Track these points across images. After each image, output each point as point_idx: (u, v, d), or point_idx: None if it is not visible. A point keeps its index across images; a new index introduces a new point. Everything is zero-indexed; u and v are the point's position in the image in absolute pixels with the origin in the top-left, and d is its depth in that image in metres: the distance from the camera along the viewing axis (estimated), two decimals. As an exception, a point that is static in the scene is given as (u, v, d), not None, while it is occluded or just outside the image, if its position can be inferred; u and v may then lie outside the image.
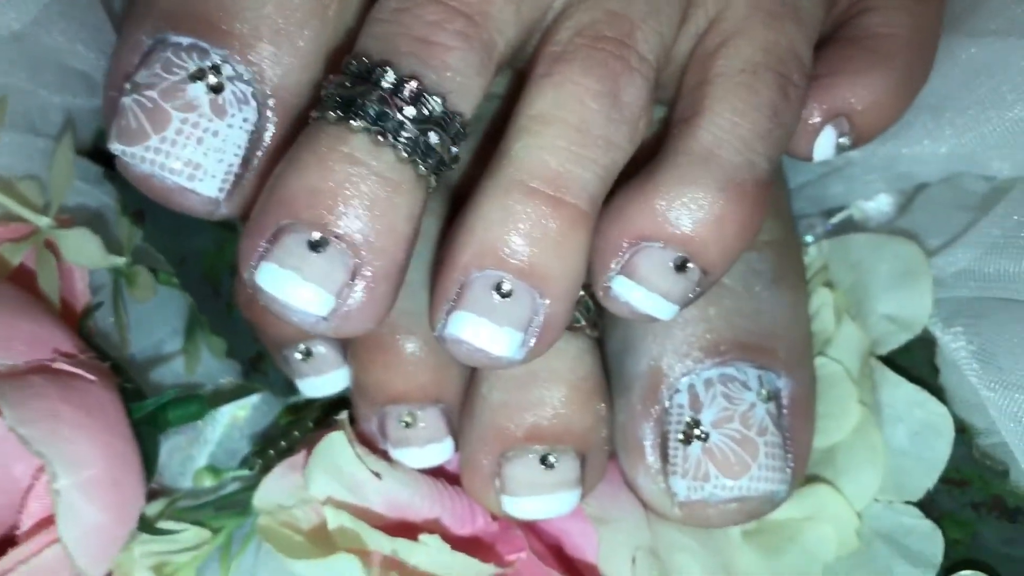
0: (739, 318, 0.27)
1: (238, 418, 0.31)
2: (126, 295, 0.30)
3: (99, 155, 0.31)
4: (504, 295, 0.22)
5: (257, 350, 0.31)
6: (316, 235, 0.21)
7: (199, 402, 0.30)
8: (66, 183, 0.28)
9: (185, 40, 0.23)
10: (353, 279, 0.22)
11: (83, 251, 0.28)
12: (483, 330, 0.23)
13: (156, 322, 0.31)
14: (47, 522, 0.24)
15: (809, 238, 0.32)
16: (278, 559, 0.26)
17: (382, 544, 0.25)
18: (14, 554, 0.23)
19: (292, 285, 0.22)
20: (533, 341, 0.23)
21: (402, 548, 0.25)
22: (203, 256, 0.30)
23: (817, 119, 0.26)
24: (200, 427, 0.31)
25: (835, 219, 0.33)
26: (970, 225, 0.29)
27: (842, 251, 0.31)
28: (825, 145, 0.27)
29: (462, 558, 0.26)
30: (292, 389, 0.30)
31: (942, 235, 0.30)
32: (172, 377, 0.32)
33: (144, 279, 0.29)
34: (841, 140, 0.27)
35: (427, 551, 0.25)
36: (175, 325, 0.32)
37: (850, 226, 0.32)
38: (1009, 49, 0.29)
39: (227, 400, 0.31)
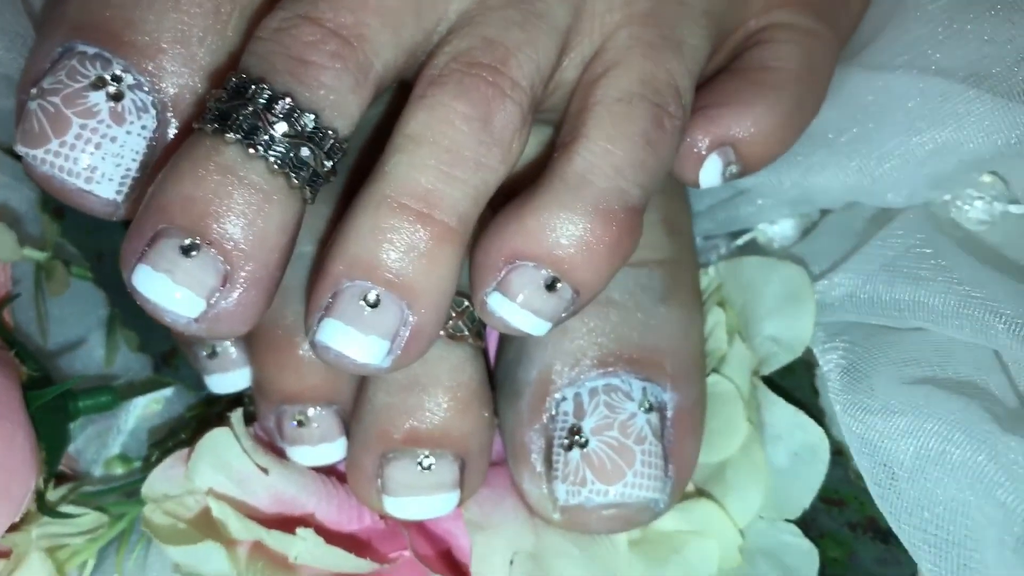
0: (626, 331, 0.28)
1: (151, 410, 0.33)
2: (46, 289, 0.31)
3: (21, 153, 0.32)
4: (372, 305, 0.23)
5: (171, 345, 0.32)
6: (188, 240, 0.22)
7: (109, 393, 0.31)
8: (-13, 178, 0.30)
9: (90, 49, 0.24)
10: (224, 284, 0.23)
11: (-1, 245, 0.29)
12: (350, 338, 0.24)
13: (78, 315, 0.33)
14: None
15: (713, 258, 0.33)
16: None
17: (256, 534, 0.26)
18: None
19: (164, 288, 0.22)
20: (399, 350, 0.24)
21: (277, 540, 0.26)
22: (118, 252, 0.31)
23: (703, 147, 0.27)
24: (115, 417, 0.32)
25: (739, 241, 0.33)
26: (854, 249, 0.30)
27: (735, 273, 0.31)
28: (711, 172, 0.28)
29: (337, 552, 0.27)
30: (203, 384, 0.31)
31: (842, 259, 0.31)
32: (95, 368, 0.33)
33: (59, 274, 0.31)
34: (729, 168, 0.28)
35: (304, 545, 0.27)
36: (98, 317, 0.33)
37: (754, 248, 0.33)
38: (906, 84, 0.30)
39: (139, 392, 0.32)
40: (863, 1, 0.32)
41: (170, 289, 0.23)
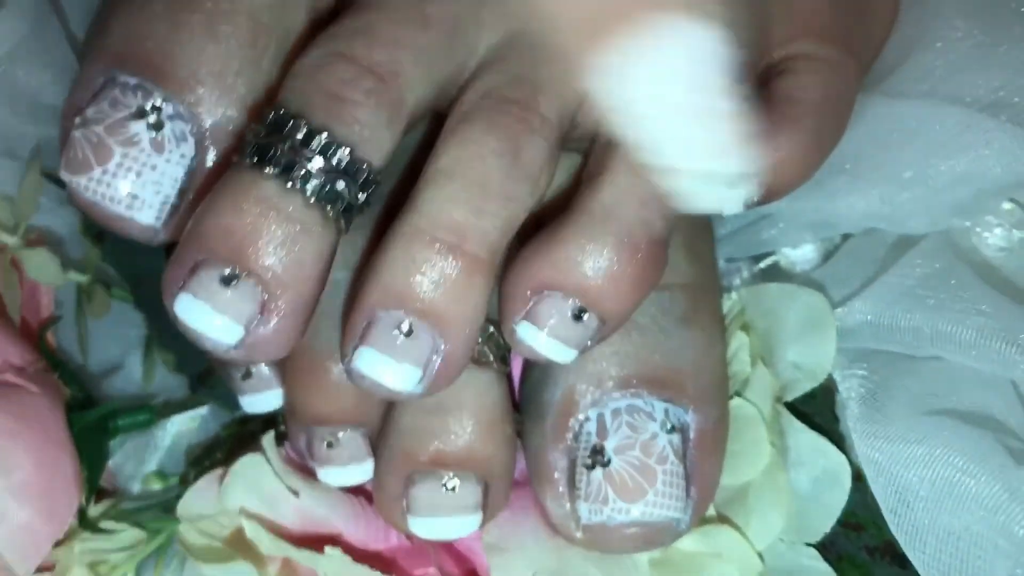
0: (649, 354, 0.28)
1: (187, 428, 0.34)
2: (87, 310, 0.33)
3: (66, 180, 0.33)
4: (405, 334, 0.24)
5: (207, 366, 0.33)
6: (228, 270, 0.23)
7: (148, 412, 0.32)
8: (33, 204, 0.31)
9: (132, 80, 0.25)
10: (262, 312, 0.24)
11: (44, 270, 0.30)
12: (384, 366, 0.24)
13: (118, 336, 0.34)
14: (-20, 521, 0.26)
15: (736, 282, 0.34)
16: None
17: (286, 552, 0.27)
18: (-50, 548, 0.26)
19: (205, 315, 0.23)
20: (431, 378, 0.25)
21: (306, 558, 0.27)
22: (157, 276, 0.32)
23: None
24: (152, 435, 0.33)
25: (761, 264, 0.34)
26: (875, 276, 0.30)
27: (757, 299, 0.32)
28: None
29: (363, 570, 0.28)
30: (238, 403, 0.32)
31: (857, 285, 0.32)
32: (133, 388, 0.34)
33: (99, 297, 0.32)
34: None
35: (331, 562, 0.27)
36: (137, 340, 0.34)
37: (776, 271, 0.34)
38: (926, 113, 0.30)
39: (176, 411, 0.33)
40: (885, 30, 0.32)
41: (211, 317, 0.23)
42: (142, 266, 0.32)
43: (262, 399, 0.31)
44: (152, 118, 0.25)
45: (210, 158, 0.26)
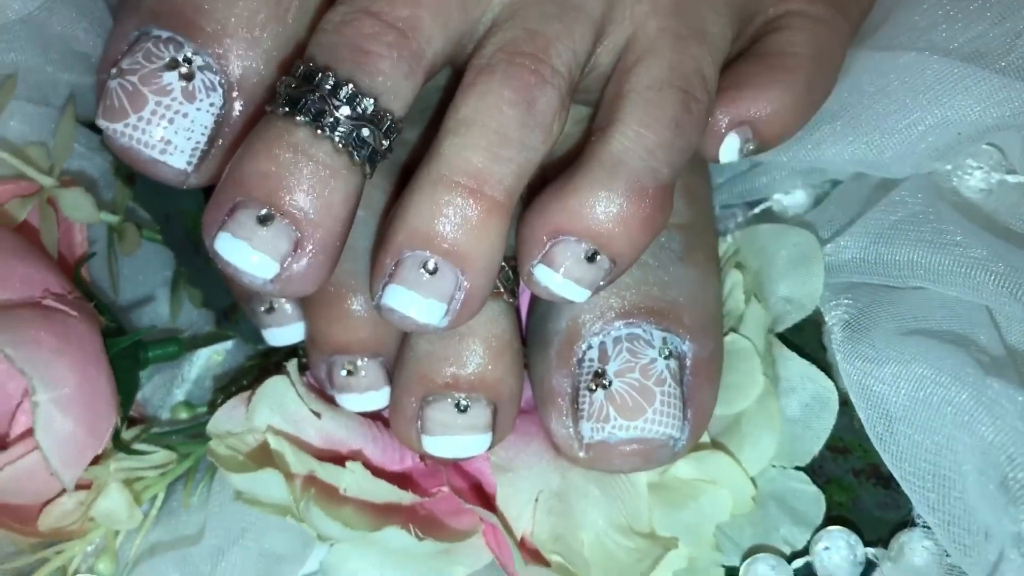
0: (648, 287, 0.30)
1: (213, 361, 0.36)
2: (118, 249, 0.34)
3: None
4: (431, 272, 0.26)
5: (231, 301, 0.35)
6: (264, 211, 0.25)
7: (176, 344, 0.34)
8: (68, 148, 0.33)
9: (164, 33, 0.27)
10: (295, 249, 0.26)
11: (79, 208, 0.32)
12: (412, 301, 0.26)
13: (147, 273, 0.36)
14: (30, 432, 0.28)
15: (731, 225, 0.36)
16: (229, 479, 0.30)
17: (309, 465, 0.29)
18: (2, 456, 0.28)
19: (242, 252, 0.25)
20: (455, 312, 0.27)
21: (327, 471, 0.29)
22: (186, 216, 0.34)
23: (723, 126, 0.30)
24: (179, 367, 0.35)
25: (756, 210, 0.36)
26: (859, 214, 0.32)
27: (750, 239, 0.34)
28: (730, 149, 0.30)
29: (381, 484, 0.30)
30: (260, 337, 0.34)
31: (849, 224, 0.33)
32: (161, 323, 0.36)
33: (131, 234, 0.34)
34: (746, 146, 0.30)
35: (352, 477, 0.29)
36: (164, 276, 0.36)
37: (769, 216, 0.36)
38: (908, 64, 0.32)
39: (202, 344, 0.35)
40: None
41: (248, 254, 0.25)
42: (170, 207, 0.34)
43: (284, 332, 0.33)
44: (184, 69, 0.27)
45: (237, 107, 0.28)
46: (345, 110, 0.25)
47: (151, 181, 0.29)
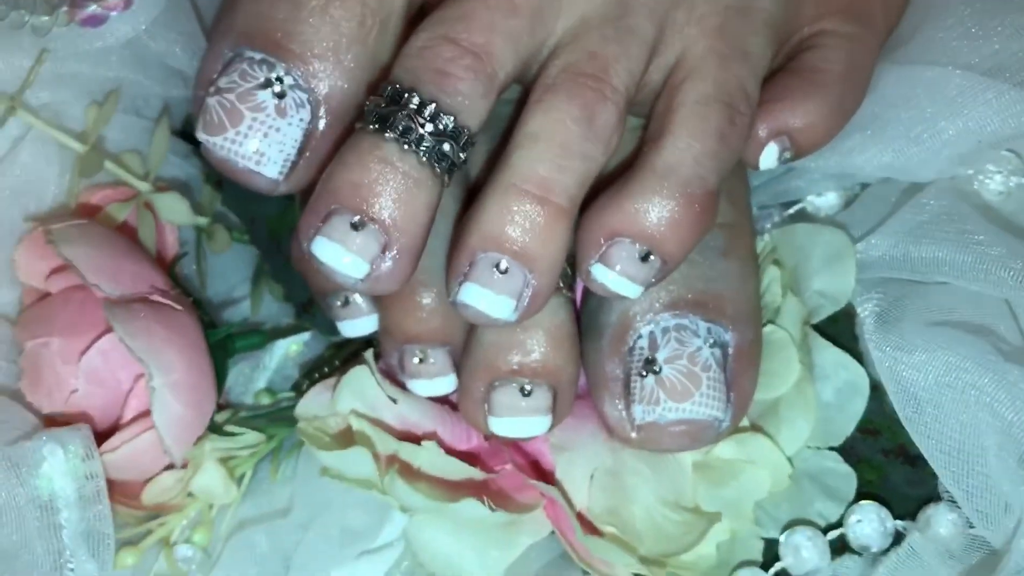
0: (694, 281, 0.33)
1: (292, 351, 0.39)
2: (206, 248, 0.38)
3: (188, 135, 0.38)
4: (502, 272, 0.29)
5: (309, 296, 0.38)
6: (356, 218, 0.28)
7: (260, 335, 0.37)
8: (162, 156, 0.36)
9: (257, 55, 0.30)
10: (383, 252, 0.28)
11: (175, 211, 0.35)
12: (485, 298, 0.29)
13: (230, 271, 0.39)
14: (144, 415, 0.31)
15: (768, 225, 0.39)
16: (312, 459, 0.33)
17: (390, 445, 0.32)
18: (118, 436, 0.31)
19: (338, 254, 0.28)
20: (523, 307, 0.30)
21: (406, 450, 0.32)
22: (269, 218, 0.37)
23: (763, 136, 0.33)
24: (261, 357, 0.38)
25: (790, 211, 0.38)
26: (889, 215, 0.35)
27: (787, 237, 0.36)
28: (769, 157, 0.33)
29: (454, 461, 0.32)
30: (336, 329, 0.37)
31: (878, 223, 0.36)
32: (240, 317, 0.39)
33: (221, 235, 0.37)
34: (784, 154, 0.33)
35: (427, 454, 0.32)
36: (245, 274, 0.39)
37: (803, 217, 0.38)
38: (934, 77, 0.35)
39: (283, 335, 0.38)
40: (900, 8, 0.37)
41: (342, 255, 0.28)
42: (255, 211, 0.37)
43: (358, 324, 0.36)
44: (276, 88, 0.29)
45: (323, 122, 0.30)
46: (429, 127, 0.28)
47: (237, 186, 0.31)
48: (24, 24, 0.32)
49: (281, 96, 0.30)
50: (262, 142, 0.30)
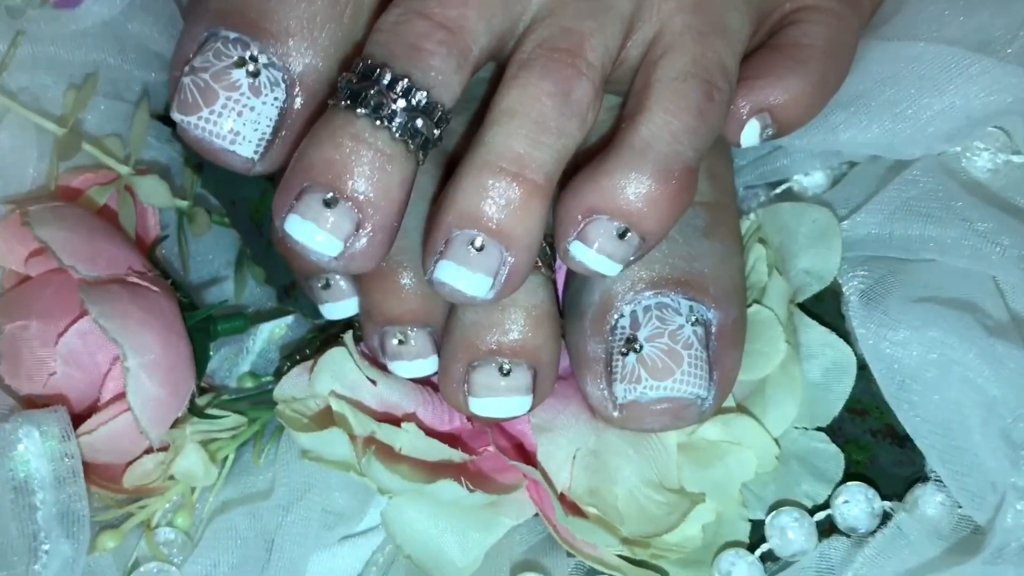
0: (676, 259, 0.32)
1: (275, 334, 0.39)
2: (187, 231, 0.37)
3: (168, 119, 0.38)
4: (478, 249, 0.29)
5: (291, 279, 0.38)
6: (329, 195, 0.28)
7: (243, 318, 0.37)
8: (143, 140, 0.36)
9: (232, 34, 0.30)
10: (357, 230, 0.28)
11: (155, 194, 0.35)
12: (461, 276, 0.29)
13: (213, 255, 0.39)
14: (120, 397, 0.31)
15: (754, 205, 0.38)
16: (295, 442, 0.33)
17: (369, 426, 0.32)
18: (96, 418, 0.31)
19: (311, 232, 0.28)
20: (500, 285, 0.29)
21: (385, 432, 0.32)
22: (249, 201, 0.37)
23: (744, 113, 0.32)
24: (244, 340, 0.38)
25: (777, 190, 0.38)
26: (875, 192, 0.34)
27: (772, 216, 0.36)
28: (751, 134, 0.33)
29: (434, 442, 0.32)
30: (318, 312, 0.37)
31: (865, 202, 0.36)
32: (223, 299, 0.39)
33: (201, 217, 0.37)
34: (766, 131, 0.33)
35: (407, 436, 0.32)
36: (228, 258, 0.39)
37: (789, 196, 0.38)
38: (918, 53, 0.34)
39: (266, 319, 0.38)
40: None
41: (315, 233, 0.28)
42: (235, 193, 0.37)
43: (340, 306, 0.35)
44: (251, 67, 0.29)
45: (298, 100, 0.30)
46: (401, 102, 0.28)
47: (218, 169, 0.31)
48: (-3, 5, 0.32)
49: (255, 75, 0.29)
50: (236, 121, 0.29)
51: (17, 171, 0.35)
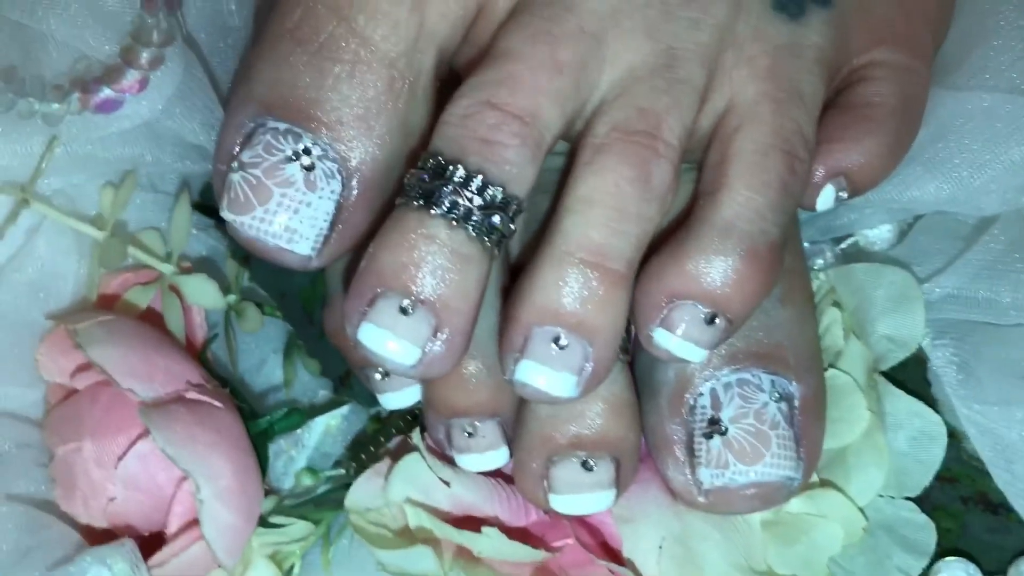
0: (753, 332, 0.31)
1: (331, 426, 0.37)
2: (236, 327, 0.36)
3: (207, 208, 0.36)
4: (561, 347, 0.27)
5: (346, 368, 0.36)
6: (405, 301, 0.27)
7: (299, 414, 0.35)
8: (185, 236, 0.34)
9: (282, 125, 0.28)
10: (435, 335, 0.27)
11: (203, 294, 0.34)
12: (544, 375, 0.28)
13: (260, 344, 0.37)
14: (191, 524, 0.30)
15: (820, 262, 0.37)
16: (366, 547, 0.32)
17: (452, 536, 0.30)
18: (167, 549, 0.30)
19: (386, 341, 0.27)
20: (585, 382, 0.28)
21: (468, 539, 0.31)
22: (300, 292, 0.35)
23: (819, 178, 0.31)
24: (299, 434, 0.37)
25: (842, 245, 0.37)
26: (959, 254, 0.33)
27: (846, 278, 0.35)
28: (826, 199, 0.31)
29: (517, 545, 0.31)
30: (375, 401, 0.35)
31: (935, 260, 0.35)
32: (273, 385, 0.37)
33: (252, 313, 0.35)
34: (840, 194, 0.31)
35: (489, 541, 0.31)
36: (275, 345, 0.37)
37: (855, 251, 0.37)
38: (990, 103, 0.33)
39: (321, 412, 0.36)
40: (944, 30, 0.35)
41: (392, 342, 0.27)
42: (285, 285, 0.35)
43: (400, 396, 0.34)
44: (305, 160, 0.28)
45: (355, 192, 0.29)
46: (477, 200, 0.27)
47: (266, 261, 0.30)
48: (34, 113, 0.30)
49: (310, 168, 0.28)
50: (292, 218, 0.28)
51: (57, 281, 0.33)
